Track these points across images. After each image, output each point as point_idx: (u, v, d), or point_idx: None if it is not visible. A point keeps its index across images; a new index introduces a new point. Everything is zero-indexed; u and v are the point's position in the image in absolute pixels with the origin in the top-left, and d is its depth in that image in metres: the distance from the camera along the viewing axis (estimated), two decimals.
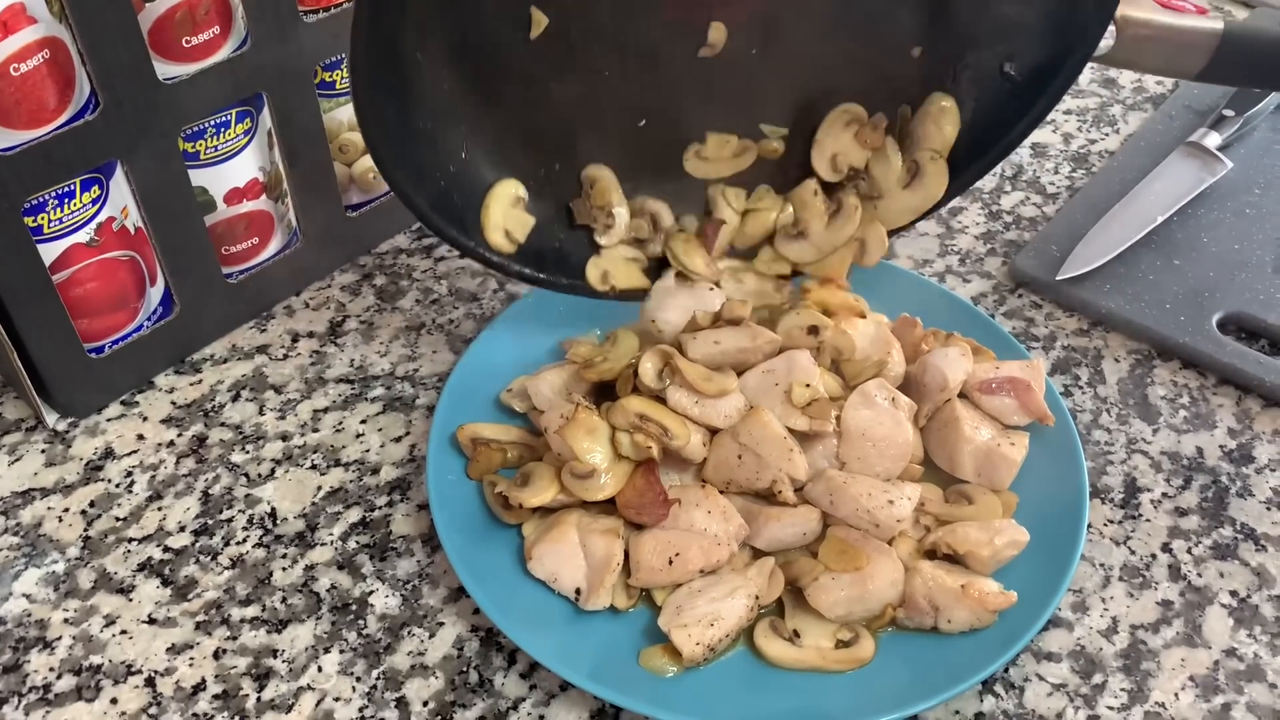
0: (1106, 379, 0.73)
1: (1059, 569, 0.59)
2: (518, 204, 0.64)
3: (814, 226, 0.68)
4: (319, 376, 0.73)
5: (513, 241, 0.64)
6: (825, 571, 0.58)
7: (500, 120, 0.61)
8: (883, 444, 0.61)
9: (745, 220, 0.68)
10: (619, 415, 0.60)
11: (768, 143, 0.66)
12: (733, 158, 0.65)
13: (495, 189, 0.62)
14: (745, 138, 0.66)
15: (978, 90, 0.63)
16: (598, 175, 0.65)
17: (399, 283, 0.80)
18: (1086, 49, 0.60)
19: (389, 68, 0.54)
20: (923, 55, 0.63)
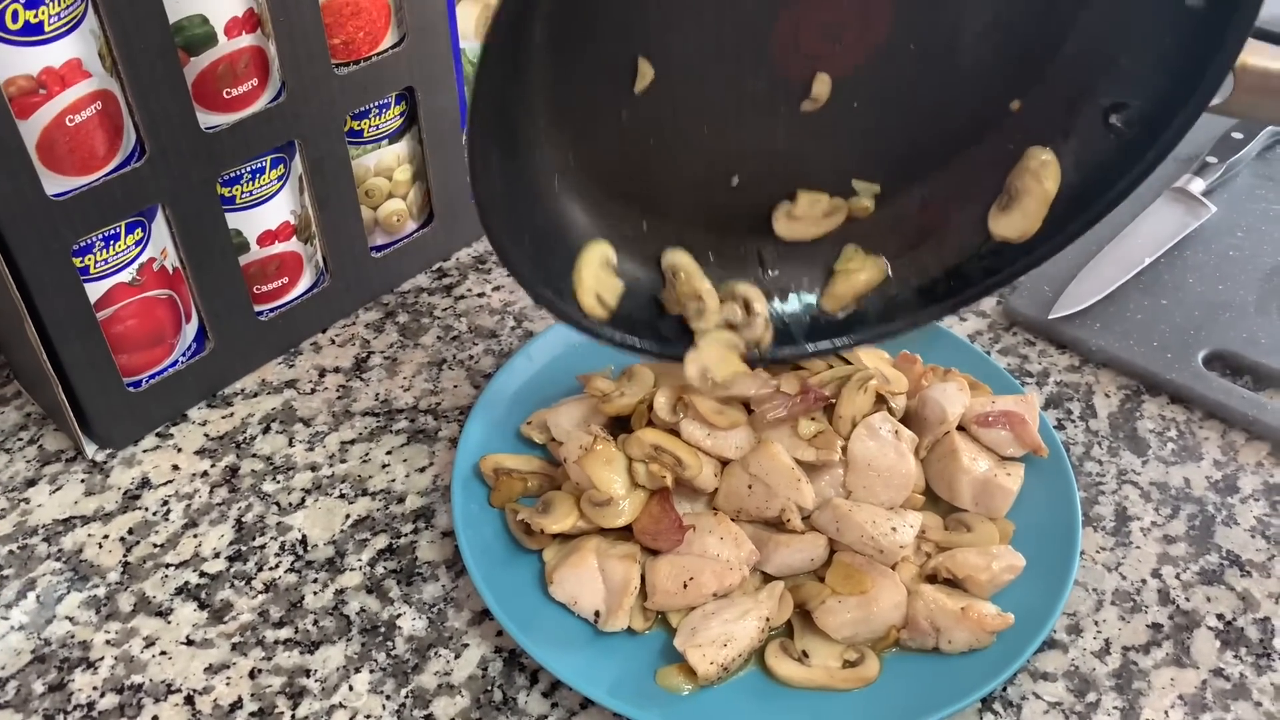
0: (1098, 413, 0.77)
1: (1054, 593, 0.62)
2: (607, 267, 0.62)
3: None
4: (345, 410, 0.76)
5: (605, 307, 0.62)
6: (832, 595, 0.61)
7: (594, 173, 0.58)
8: (886, 474, 0.65)
9: (834, 281, 0.67)
10: (635, 446, 0.64)
11: (858, 200, 0.63)
12: (823, 217, 0.62)
13: (585, 251, 0.60)
14: (836, 195, 0.63)
15: (1080, 143, 0.59)
16: (680, 264, 0.63)
17: (420, 320, 0.84)
18: (1202, 100, 0.55)
19: (499, 117, 0.51)
20: (1022, 108, 0.59)
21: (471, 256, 0.90)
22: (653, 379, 0.70)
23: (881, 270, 0.66)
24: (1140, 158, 0.57)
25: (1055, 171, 0.59)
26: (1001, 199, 0.61)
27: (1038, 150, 0.59)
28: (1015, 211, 0.60)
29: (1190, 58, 0.53)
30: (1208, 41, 0.51)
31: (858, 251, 0.66)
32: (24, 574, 0.66)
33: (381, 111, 0.78)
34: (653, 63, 0.54)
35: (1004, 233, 0.61)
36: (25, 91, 0.60)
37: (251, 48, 0.68)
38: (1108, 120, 0.58)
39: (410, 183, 0.83)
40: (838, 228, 0.64)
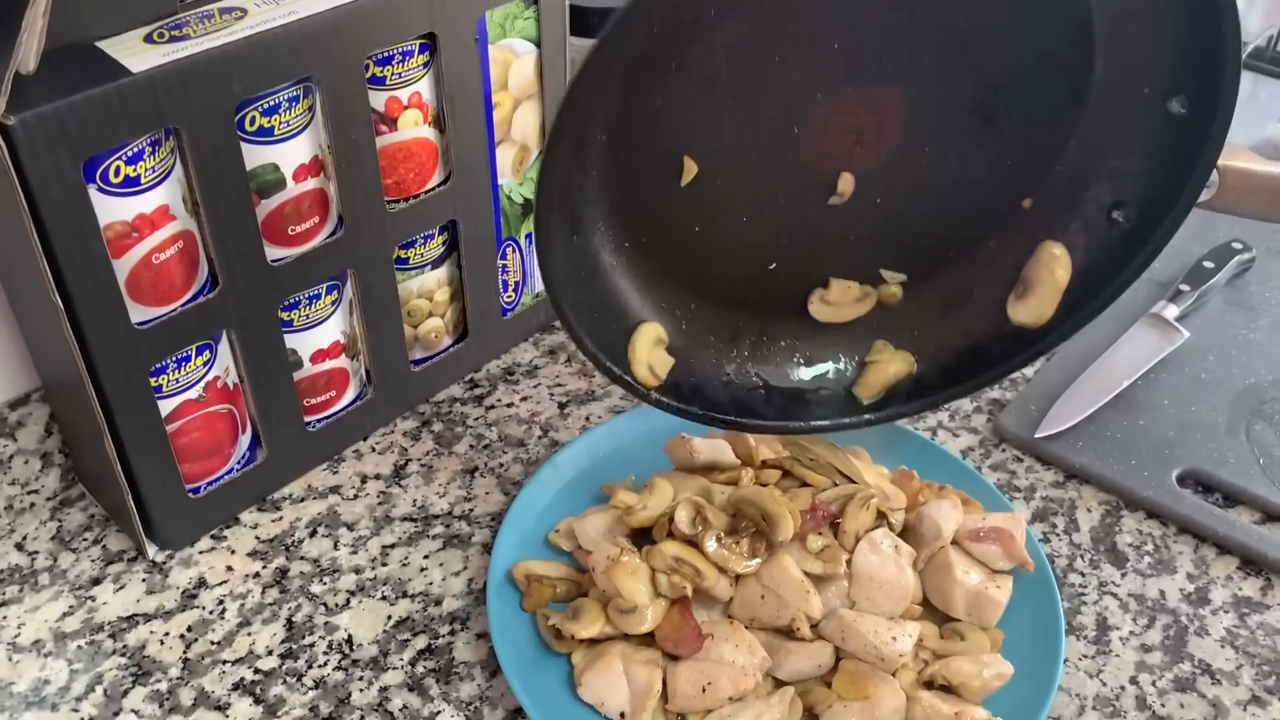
0: (1080, 527, 0.83)
1: (1039, 698, 0.68)
2: (659, 344, 0.66)
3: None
4: (386, 515, 0.83)
5: (656, 377, 0.66)
6: (838, 699, 0.67)
7: (648, 255, 0.64)
8: (888, 586, 0.71)
9: (867, 372, 0.71)
10: (658, 558, 0.70)
11: (887, 288, 0.68)
12: (855, 303, 0.67)
13: (640, 330, 0.65)
14: (866, 284, 0.69)
15: (1087, 236, 0.63)
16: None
17: (454, 429, 0.90)
18: (1191, 196, 0.59)
19: (563, 202, 0.57)
20: (1033, 206, 0.64)
21: (500, 368, 0.97)
22: (672, 492, 0.76)
23: (909, 364, 0.71)
24: (1141, 249, 0.62)
25: (1067, 263, 0.64)
26: (1018, 288, 0.66)
27: (1050, 244, 0.65)
28: (1031, 300, 0.65)
29: (1179, 159, 0.58)
30: (1193, 144, 0.56)
31: (887, 345, 0.71)
32: (91, 668, 0.72)
33: (426, 241, 0.85)
34: (696, 161, 0.60)
35: (1021, 319, 0.66)
36: (120, 235, 0.67)
37: (315, 190, 0.76)
38: (1110, 216, 0.62)
39: (449, 303, 0.90)
40: (869, 312, 0.69)
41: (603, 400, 0.93)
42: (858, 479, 0.77)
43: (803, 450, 0.79)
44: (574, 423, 0.91)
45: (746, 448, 0.81)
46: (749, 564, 0.70)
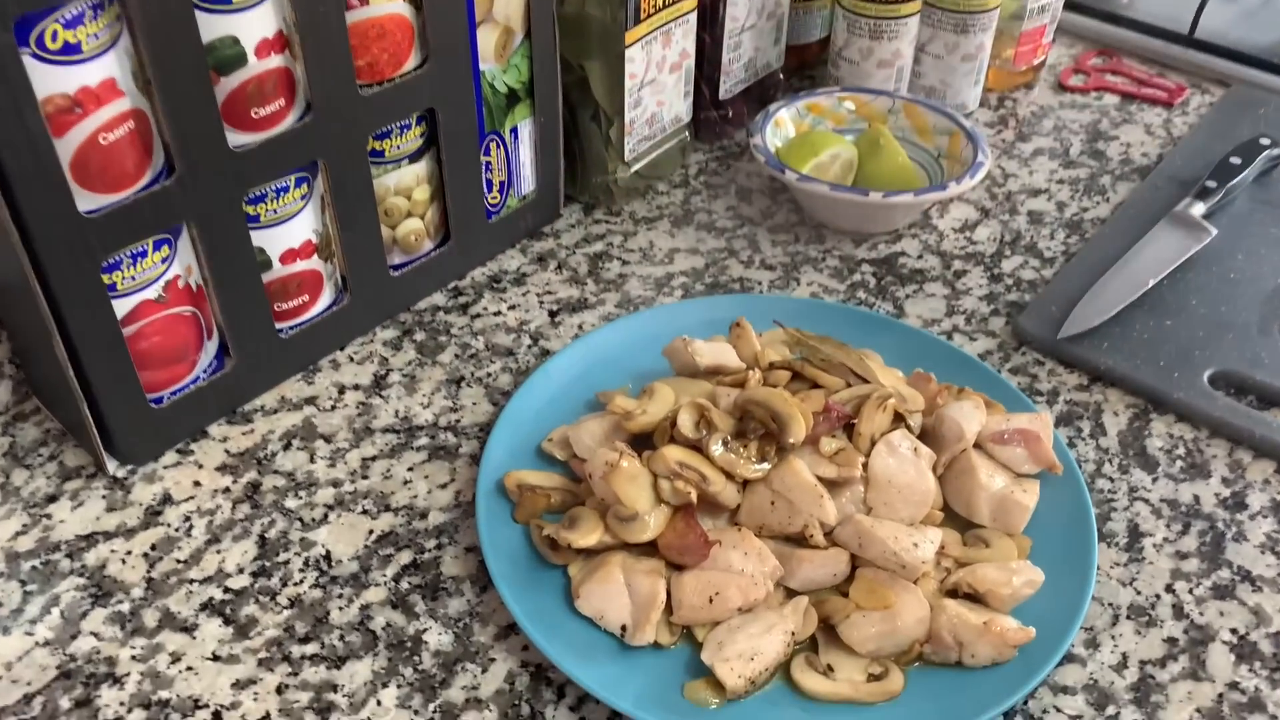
0: (1107, 431, 0.78)
1: (1072, 607, 0.63)
2: None
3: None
4: (366, 427, 0.77)
5: None
6: (856, 609, 0.62)
7: None
8: (906, 490, 0.66)
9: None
10: (660, 463, 0.64)
11: None
12: None
13: None
14: None
15: None
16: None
17: (438, 338, 0.84)
18: None
19: None
20: None
21: (486, 276, 0.90)
22: (673, 397, 0.71)
23: None
24: None
25: None
26: None
27: None
28: None
29: None
30: None
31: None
32: (47, 589, 0.66)
33: (403, 132, 0.79)
34: None
35: None
36: (61, 110, 0.60)
37: (280, 69, 0.69)
38: None
39: (428, 202, 0.84)
40: None
41: (596, 308, 0.87)
42: (873, 380, 0.71)
43: (813, 351, 0.74)
44: (566, 331, 0.85)
45: (752, 350, 0.75)
46: (758, 468, 0.65)
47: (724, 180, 1.03)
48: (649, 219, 0.97)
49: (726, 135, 1.07)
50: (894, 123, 1.00)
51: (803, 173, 0.91)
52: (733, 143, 1.07)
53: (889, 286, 0.90)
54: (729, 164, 1.05)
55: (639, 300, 0.88)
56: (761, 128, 0.96)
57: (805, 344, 0.74)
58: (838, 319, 0.82)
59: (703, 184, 1.02)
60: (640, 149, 0.96)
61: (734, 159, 1.05)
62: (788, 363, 0.73)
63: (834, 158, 0.95)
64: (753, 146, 0.93)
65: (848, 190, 0.90)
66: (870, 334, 0.81)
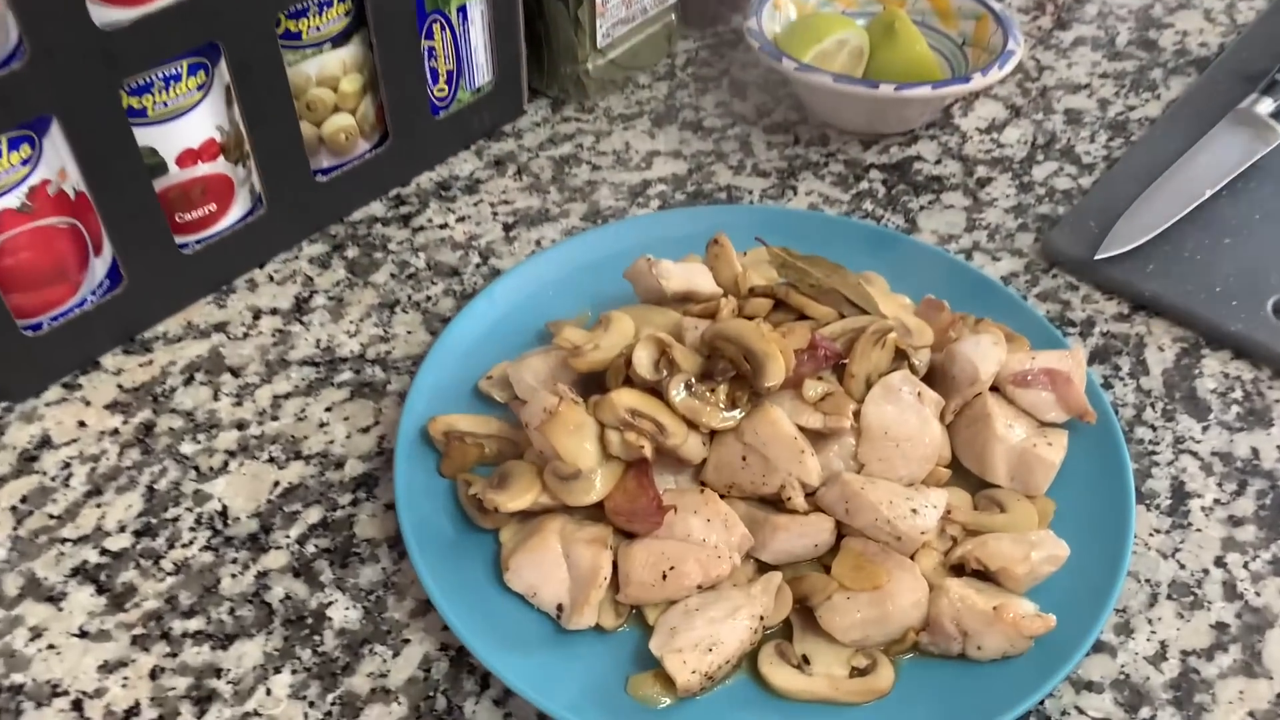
0: (1150, 370, 0.66)
1: (1103, 587, 0.52)
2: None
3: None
4: (281, 358, 0.66)
5: None
6: (839, 590, 0.52)
7: None
8: (907, 444, 0.55)
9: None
10: (607, 411, 0.53)
11: None
12: None
13: None
14: None
15: None
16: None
17: (373, 255, 0.73)
18: None
19: None
20: None
21: (434, 182, 0.79)
22: (632, 329, 0.59)
23: None
24: None
25: None
26: None
27: None
28: None
29: None
30: None
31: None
32: None
33: (321, 10, 0.67)
34: None
35: None
36: None
37: None
38: None
39: (359, 95, 0.72)
40: None
41: (559, 221, 0.75)
42: (871, 309, 0.59)
43: (802, 274, 0.62)
44: (521, 248, 0.73)
45: (732, 273, 0.63)
46: (727, 416, 0.54)
47: (715, 72, 0.89)
48: (626, 117, 0.84)
49: (720, 19, 0.94)
50: (912, 5, 0.87)
51: (803, 61, 0.78)
52: (728, 29, 0.94)
53: (900, 197, 0.78)
54: (722, 53, 0.91)
55: (609, 212, 0.76)
56: (758, 9, 0.82)
57: (792, 265, 0.62)
58: (838, 235, 0.70)
59: (690, 76, 0.89)
60: (616, 34, 0.83)
61: (729, 48, 0.92)
62: (771, 289, 0.61)
63: (841, 44, 0.81)
64: (746, 31, 0.80)
65: (855, 82, 0.77)
66: (875, 253, 0.69)
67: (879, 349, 0.57)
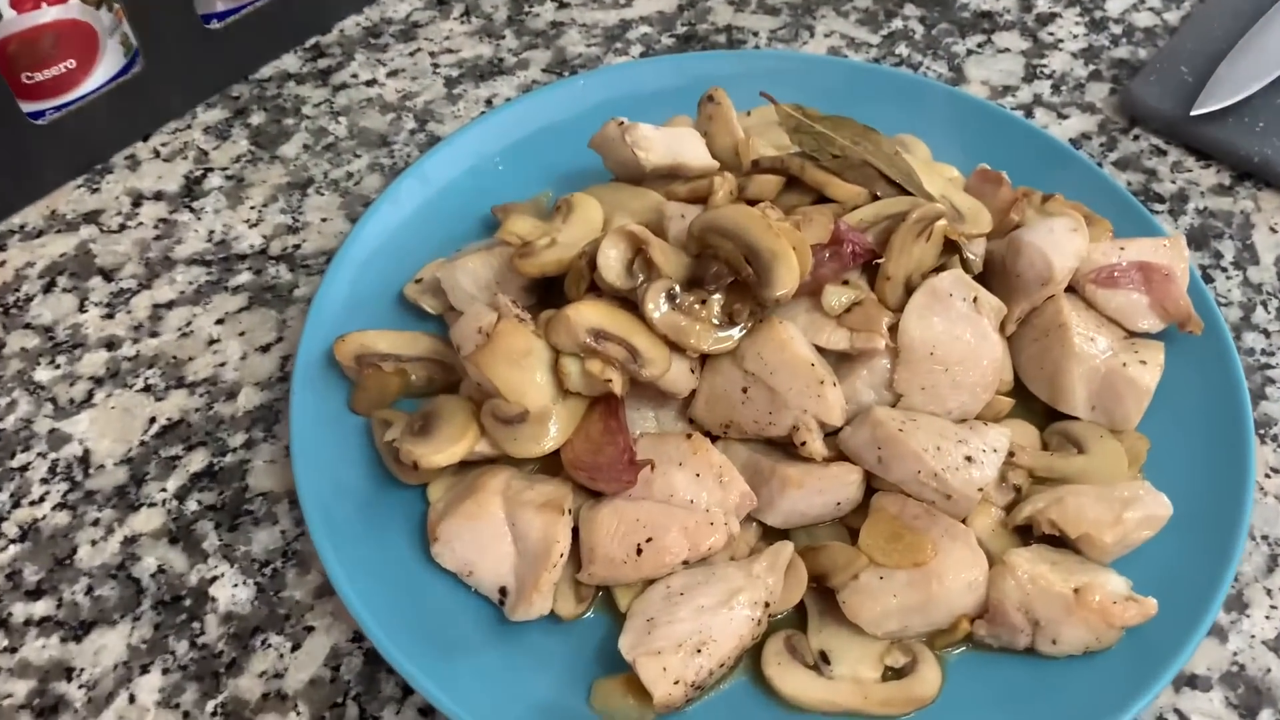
0: (1260, 256, 0.53)
1: (1215, 556, 0.41)
2: None
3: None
4: (165, 256, 0.53)
5: None
6: (870, 566, 0.39)
7: None
8: (958, 368, 0.42)
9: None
10: (563, 331, 0.40)
11: None
12: None
13: None
14: None
15: None
16: None
17: (283, 121, 0.59)
18: None
19: None
20: None
21: (361, 27, 0.64)
22: (600, 216, 0.46)
23: None
24: None
25: None
26: None
27: None
28: None
29: None
30: None
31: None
32: None
33: None
34: None
35: None
36: None
37: None
38: None
39: None
40: None
41: (515, 74, 0.61)
42: (912, 186, 0.45)
43: (822, 141, 0.48)
44: (467, 109, 0.59)
45: (730, 140, 0.49)
46: (722, 336, 0.41)
47: None
48: None
49: None
50: None
51: None
52: None
53: (943, 38, 0.63)
54: None
55: (578, 62, 0.61)
56: None
57: (809, 130, 0.47)
58: (866, 87, 0.58)
59: None
60: None
61: None
62: (781, 161, 0.47)
63: None
64: None
65: None
66: (913, 110, 0.56)
67: (922, 241, 0.43)
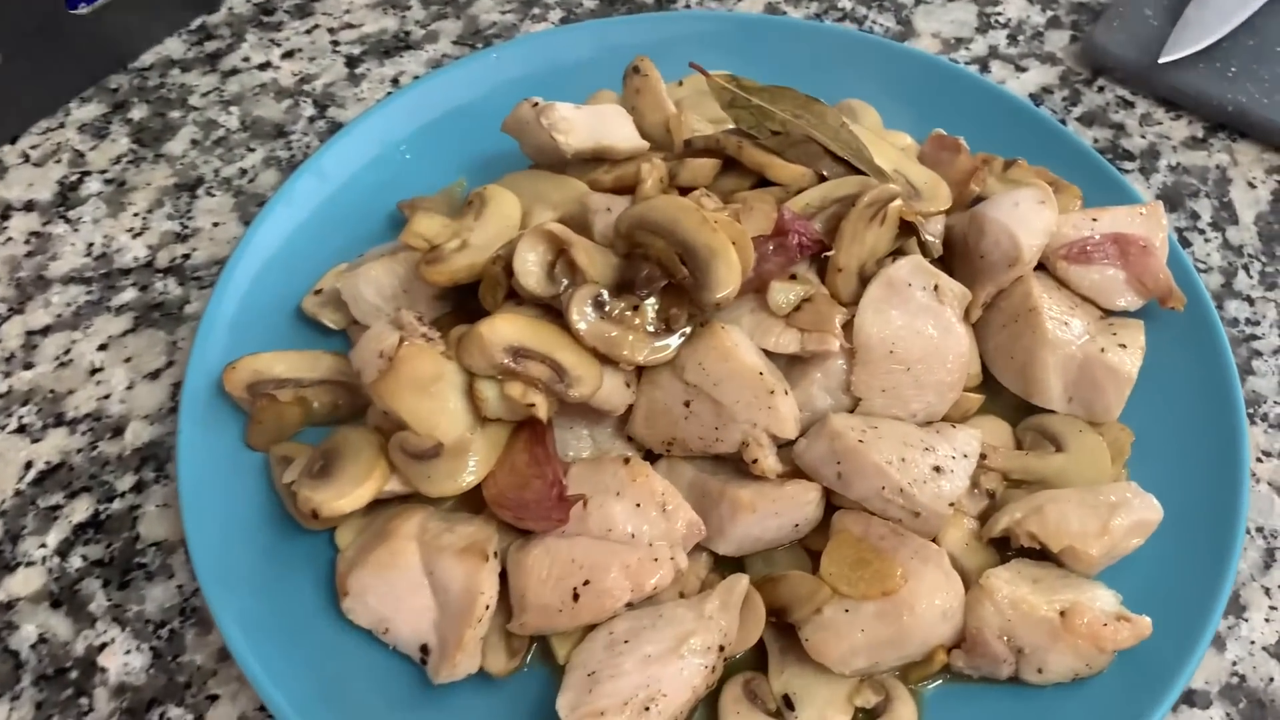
0: (1239, 214, 0.49)
1: (1212, 561, 0.37)
2: None
3: None
4: (38, 275, 0.48)
5: None
6: (833, 598, 0.35)
7: None
8: (920, 366, 0.38)
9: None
10: (476, 352, 0.35)
11: None
12: None
13: None
14: None
15: None
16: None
17: (167, 115, 0.53)
18: None
19: None
20: None
21: (252, 4, 0.58)
22: (516, 211, 0.41)
23: None
24: None
25: None
26: None
27: None
28: None
29: None
30: None
31: None
32: None
33: None
34: None
35: None
36: None
37: None
38: None
39: None
40: None
41: (423, 49, 0.56)
42: (861, 162, 0.41)
43: (760, 116, 0.43)
44: (372, 90, 0.54)
45: (659, 116, 0.45)
46: (659, 346, 0.36)
47: None
48: None
49: None
50: None
51: None
52: None
53: None
54: None
55: (492, 31, 0.56)
56: None
57: (745, 103, 0.42)
58: (806, 47, 0.52)
59: None
60: None
61: None
62: (717, 140, 0.42)
63: None
64: None
65: None
66: (859, 71, 0.53)
67: (876, 225, 0.38)
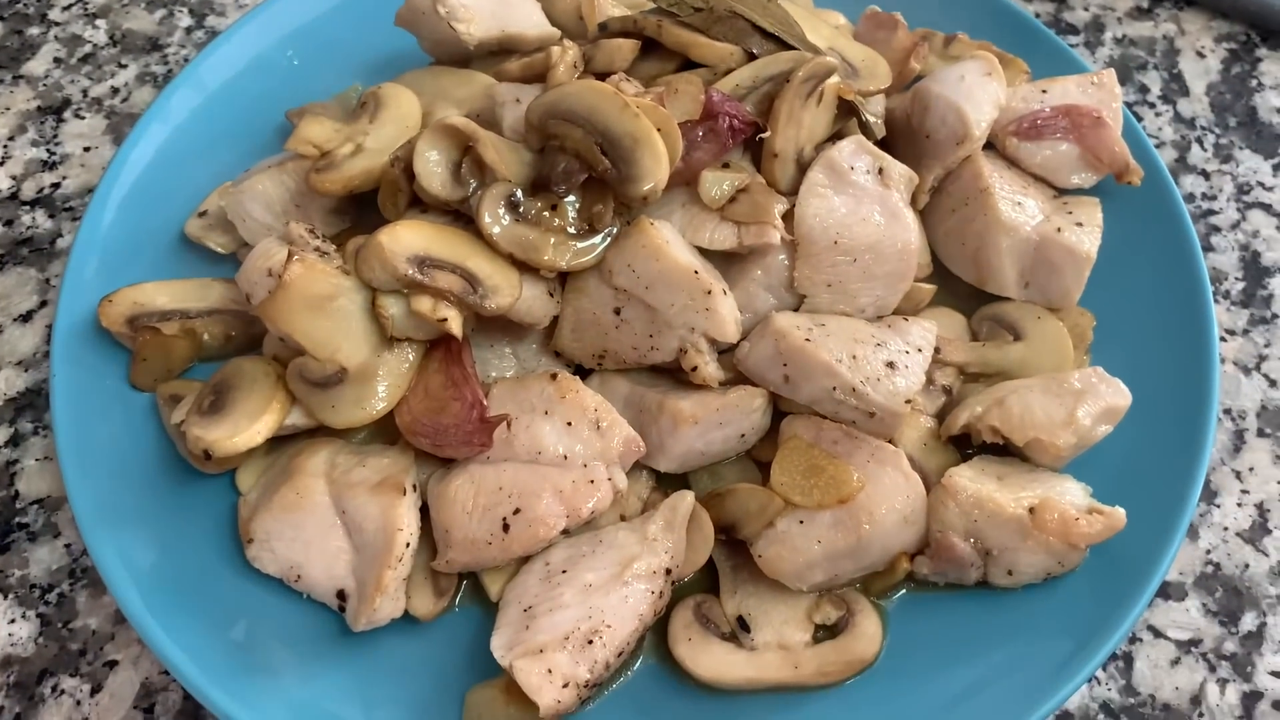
0: (1189, 86, 0.47)
1: (1185, 446, 0.35)
2: None
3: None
4: None
5: None
6: (786, 510, 0.32)
7: None
8: (869, 255, 0.35)
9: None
10: (376, 263, 0.32)
11: None
12: None
13: None
14: None
15: None
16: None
17: (25, 32, 0.48)
18: None
19: None
20: None
21: None
22: (416, 110, 0.37)
23: None
24: None
25: None
26: None
27: None
28: None
29: None
30: None
31: None
32: None
33: None
34: None
35: None
36: None
37: None
38: None
39: None
40: None
41: None
42: (792, 38, 0.37)
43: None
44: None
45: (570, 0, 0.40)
46: (582, 248, 0.32)
47: None
48: None
49: None
50: None
51: None
52: None
53: None
54: None
55: None
56: None
57: None
58: None
59: None
60: None
61: None
62: (635, 21, 0.38)
63: None
64: None
65: None
66: None
67: (813, 105, 0.35)
